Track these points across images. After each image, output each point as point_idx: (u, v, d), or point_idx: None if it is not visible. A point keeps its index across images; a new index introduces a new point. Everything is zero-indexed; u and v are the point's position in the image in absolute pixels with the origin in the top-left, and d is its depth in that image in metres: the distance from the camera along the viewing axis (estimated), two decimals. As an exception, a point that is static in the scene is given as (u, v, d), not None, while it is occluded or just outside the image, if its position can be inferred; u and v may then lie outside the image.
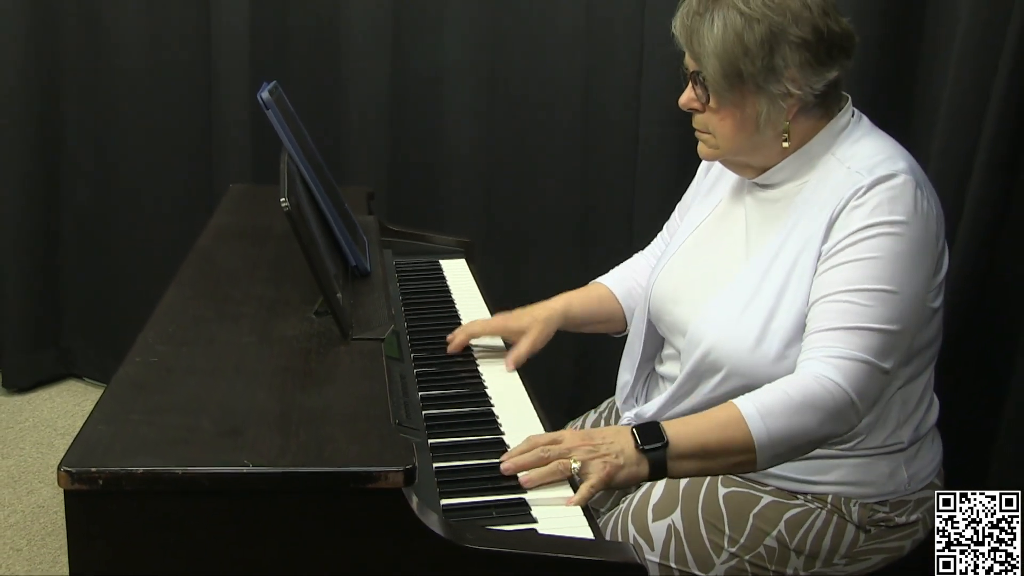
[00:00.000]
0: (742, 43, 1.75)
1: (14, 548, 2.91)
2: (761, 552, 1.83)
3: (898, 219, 1.72)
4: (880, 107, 2.42)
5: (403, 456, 1.39)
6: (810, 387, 1.66)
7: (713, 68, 1.77)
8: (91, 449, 1.38)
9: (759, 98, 1.79)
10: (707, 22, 1.77)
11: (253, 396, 1.58)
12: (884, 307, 1.70)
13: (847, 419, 1.69)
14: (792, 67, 1.76)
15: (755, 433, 1.65)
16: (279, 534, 1.37)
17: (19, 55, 3.56)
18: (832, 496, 1.84)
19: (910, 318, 1.73)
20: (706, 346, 1.84)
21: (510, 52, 3.20)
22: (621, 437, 1.66)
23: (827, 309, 1.72)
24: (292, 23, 3.43)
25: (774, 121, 1.80)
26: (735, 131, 1.82)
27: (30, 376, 3.86)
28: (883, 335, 1.69)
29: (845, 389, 1.66)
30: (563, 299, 2.18)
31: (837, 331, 1.70)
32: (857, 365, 1.68)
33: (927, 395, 1.92)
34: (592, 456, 1.64)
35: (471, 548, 1.38)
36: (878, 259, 1.71)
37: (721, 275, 1.90)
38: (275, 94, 2.04)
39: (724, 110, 1.81)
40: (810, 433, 1.67)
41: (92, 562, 1.36)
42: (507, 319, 2.12)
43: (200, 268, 2.12)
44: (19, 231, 3.71)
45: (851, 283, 1.71)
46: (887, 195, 1.73)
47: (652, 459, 1.64)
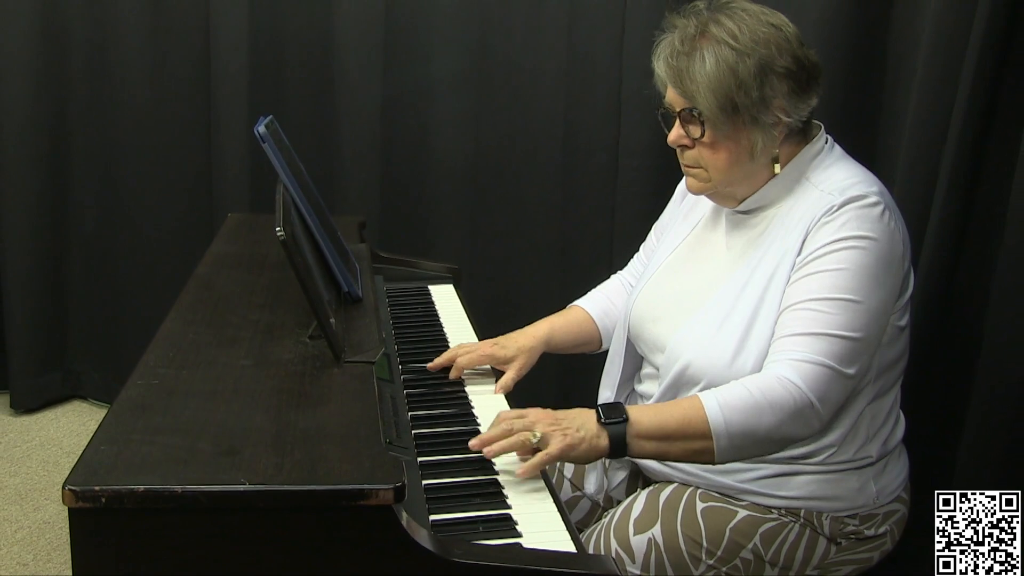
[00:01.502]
0: (736, 76, 1.75)
1: (20, 563, 2.90)
2: (737, 564, 1.82)
3: (865, 235, 1.73)
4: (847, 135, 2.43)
5: (393, 474, 1.38)
6: (772, 387, 1.68)
7: (709, 102, 1.77)
8: (94, 468, 1.38)
9: (753, 129, 1.79)
10: (697, 60, 1.78)
11: (250, 417, 1.57)
12: (847, 315, 1.71)
13: (807, 421, 1.71)
14: (780, 96, 1.78)
15: (713, 423, 1.68)
16: (275, 550, 1.36)
17: (29, 91, 3.57)
18: (804, 510, 1.84)
19: (873, 327, 1.74)
20: (685, 361, 1.84)
21: (496, 92, 3.23)
22: (584, 414, 1.72)
23: (794, 316, 1.74)
24: (288, 61, 3.44)
25: (768, 149, 1.81)
26: (730, 163, 1.82)
27: (37, 397, 3.85)
28: (846, 341, 1.71)
29: (805, 392, 1.68)
30: (546, 325, 2.18)
31: (802, 336, 1.72)
32: (819, 369, 1.69)
33: (894, 412, 1.92)
34: (553, 429, 1.68)
35: (458, 562, 1.37)
36: (844, 270, 1.72)
37: (699, 294, 1.90)
38: (271, 128, 2.03)
39: (720, 143, 1.81)
40: (769, 431, 1.69)
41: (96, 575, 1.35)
42: (495, 350, 2.11)
43: (199, 294, 2.11)
44: (28, 259, 3.71)
45: (817, 292, 1.73)
46: (856, 213, 1.74)
47: (612, 433, 1.69)
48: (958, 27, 2.25)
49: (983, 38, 2.17)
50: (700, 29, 1.79)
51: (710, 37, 1.78)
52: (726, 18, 1.78)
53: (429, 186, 3.36)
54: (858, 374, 1.75)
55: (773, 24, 1.78)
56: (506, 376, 2.07)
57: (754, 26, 1.77)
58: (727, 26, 1.77)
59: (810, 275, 1.75)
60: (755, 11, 1.80)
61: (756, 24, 1.77)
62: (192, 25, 3.46)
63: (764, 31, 1.77)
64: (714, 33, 1.77)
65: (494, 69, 3.21)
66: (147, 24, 3.51)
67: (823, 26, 2.56)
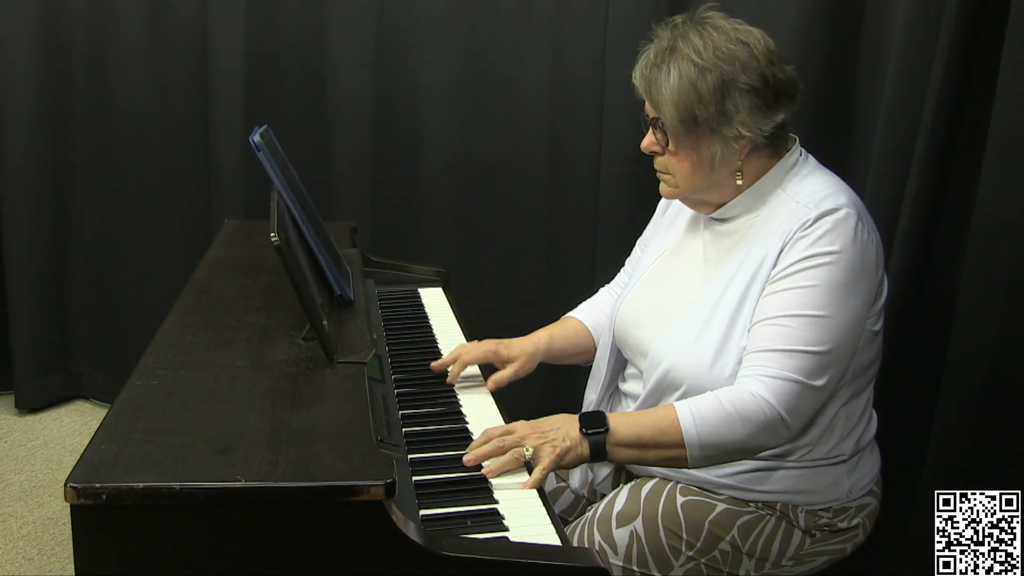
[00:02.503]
0: (696, 91, 1.76)
1: (25, 557, 2.89)
2: (716, 555, 1.82)
3: (836, 249, 1.73)
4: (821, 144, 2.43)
5: (384, 471, 1.38)
6: (744, 401, 1.70)
7: (671, 114, 1.78)
8: (95, 466, 1.37)
9: (713, 140, 1.79)
10: (664, 73, 1.79)
11: (245, 416, 1.57)
12: (816, 331, 1.71)
13: (777, 433, 1.72)
14: (742, 112, 1.77)
15: (686, 433, 1.70)
16: (270, 545, 1.36)
17: (32, 101, 3.56)
18: (781, 504, 1.84)
19: (843, 339, 1.74)
20: (666, 366, 1.84)
21: (483, 102, 3.23)
22: (567, 423, 1.74)
23: (765, 331, 1.74)
24: (282, 71, 3.44)
25: (728, 161, 1.81)
26: (693, 171, 1.83)
27: (41, 398, 3.83)
28: (814, 356, 1.71)
29: (775, 406, 1.69)
30: (546, 334, 2.18)
31: (772, 352, 1.72)
32: (788, 384, 1.70)
33: (867, 411, 1.92)
34: (542, 442, 1.70)
35: (448, 555, 1.37)
36: (814, 287, 1.73)
37: (680, 301, 1.89)
38: (266, 137, 2.03)
39: (682, 152, 1.82)
40: (740, 442, 1.71)
41: (97, 570, 1.35)
42: (499, 347, 2.10)
43: (197, 297, 2.10)
44: (31, 264, 3.70)
45: (788, 308, 1.73)
46: (829, 226, 1.74)
47: (592, 442, 1.72)
48: (924, 42, 2.25)
49: (948, 51, 2.18)
50: (671, 44, 1.80)
51: (678, 52, 1.79)
52: (695, 35, 1.79)
53: (419, 192, 3.36)
54: (828, 384, 1.75)
55: (743, 41, 1.78)
56: (502, 372, 2.07)
57: (720, 43, 1.77)
58: (694, 43, 1.78)
59: (783, 291, 1.75)
60: (727, 28, 1.80)
61: (723, 41, 1.78)
62: (190, 37, 3.45)
63: (730, 48, 1.77)
64: (681, 48, 1.78)
65: (482, 80, 3.22)
66: (146, 36, 3.50)
67: (797, 37, 2.57)
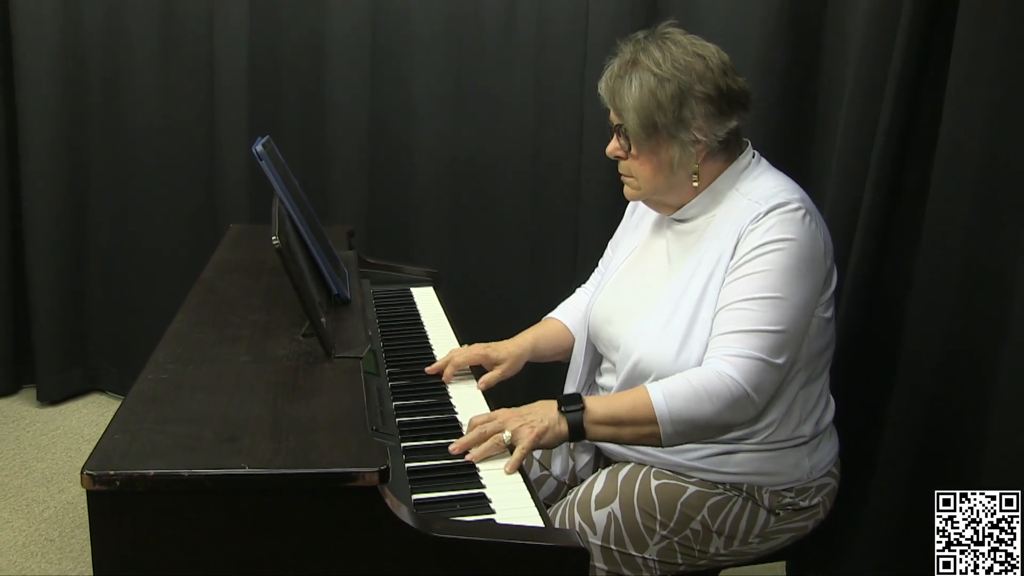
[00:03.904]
0: (656, 99, 1.78)
1: (47, 539, 2.89)
2: (688, 534, 1.83)
3: (787, 237, 1.75)
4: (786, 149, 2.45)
5: (378, 458, 1.38)
6: (711, 380, 1.71)
7: (633, 121, 1.80)
8: (109, 455, 1.37)
9: (672, 145, 1.81)
10: (627, 83, 1.81)
11: (249, 408, 1.56)
12: (773, 311, 1.73)
13: (743, 408, 1.74)
14: (698, 118, 1.79)
15: (658, 411, 1.72)
16: (272, 527, 1.36)
17: (51, 118, 3.57)
18: (747, 485, 1.85)
19: (796, 320, 1.76)
20: (636, 357, 1.84)
21: (471, 114, 3.24)
22: (546, 405, 1.76)
23: (728, 316, 1.76)
24: (283, 87, 3.44)
25: (685, 164, 1.83)
26: (653, 174, 1.84)
27: (61, 391, 3.84)
28: (773, 335, 1.73)
29: (741, 383, 1.71)
30: (531, 336, 2.17)
31: (736, 334, 1.74)
32: (752, 362, 1.72)
33: (824, 395, 1.93)
34: (521, 424, 1.71)
35: (438, 536, 1.37)
36: (769, 272, 1.74)
37: (647, 297, 1.90)
38: (268, 147, 2.03)
39: (643, 156, 1.84)
40: (709, 418, 1.72)
41: (112, 551, 1.35)
42: (487, 350, 2.09)
43: (204, 297, 2.10)
44: (52, 268, 3.70)
45: (747, 293, 1.75)
46: (780, 219, 1.76)
47: (570, 420, 1.73)
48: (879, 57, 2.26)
49: (901, 67, 2.19)
50: (633, 57, 1.82)
51: (639, 64, 1.80)
52: (655, 48, 1.81)
53: (411, 198, 3.36)
54: (787, 362, 1.76)
55: (699, 54, 1.80)
56: (491, 373, 2.06)
57: (679, 55, 1.79)
58: (654, 55, 1.80)
59: (741, 278, 1.76)
60: (684, 42, 1.82)
61: (681, 54, 1.79)
62: (197, 57, 3.46)
63: (687, 60, 1.79)
64: (642, 61, 1.80)
65: (470, 94, 3.23)
66: (157, 56, 3.50)
67: (763, 51, 2.58)
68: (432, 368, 2.06)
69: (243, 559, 1.36)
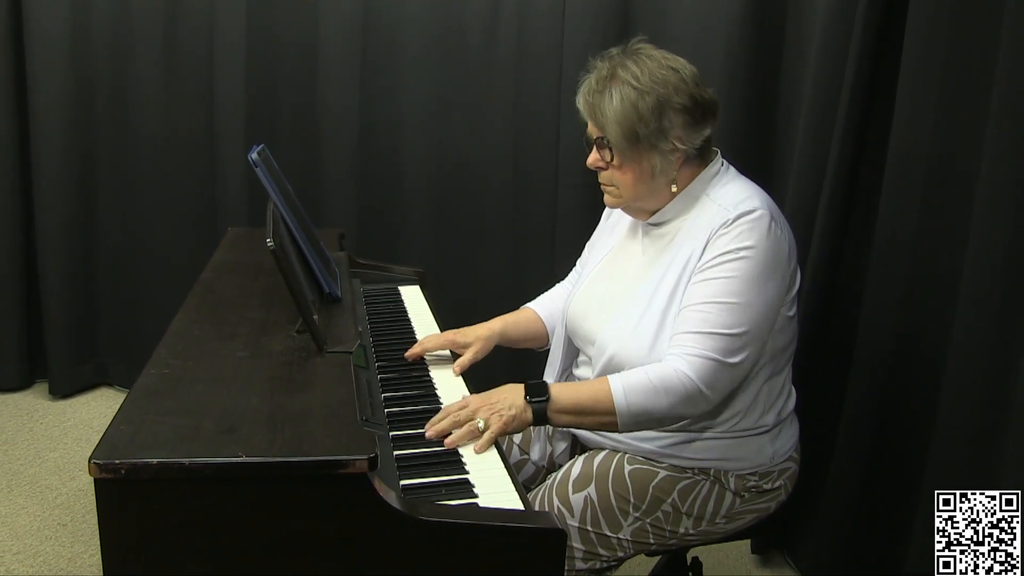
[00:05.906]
0: (637, 111, 1.76)
1: (60, 524, 2.88)
2: (659, 516, 1.83)
3: (751, 244, 1.73)
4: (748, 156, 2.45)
5: (368, 447, 1.37)
6: (668, 376, 1.71)
7: (615, 133, 1.78)
8: (115, 445, 1.36)
9: (653, 154, 1.79)
10: (607, 97, 1.78)
11: (246, 400, 1.55)
12: (732, 316, 1.72)
13: (696, 404, 1.73)
14: (677, 127, 1.78)
15: (616, 402, 1.72)
16: (268, 512, 1.35)
17: (63, 130, 3.56)
18: (714, 469, 1.84)
19: (757, 323, 1.74)
20: (611, 352, 1.83)
21: (455, 124, 3.25)
22: (513, 393, 1.75)
23: (689, 316, 1.75)
24: (278, 98, 3.43)
25: (666, 171, 1.81)
26: (635, 182, 1.83)
27: (72, 385, 3.82)
28: (729, 338, 1.72)
29: (695, 381, 1.70)
30: (500, 321, 2.16)
31: (694, 334, 1.73)
32: (706, 362, 1.71)
33: (787, 386, 1.93)
34: (491, 412, 1.71)
35: (424, 519, 1.36)
36: (733, 278, 1.73)
37: (621, 295, 1.89)
38: (263, 155, 2.02)
39: (626, 166, 1.82)
40: (663, 410, 1.72)
41: (119, 535, 1.34)
42: (455, 335, 2.09)
43: (204, 296, 2.08)
44: (63, 270, 3.69)
45: (709, 296, 1.74)
46: (747, 226, 1.74)
47: (535, 409, 1.73)
48: (836, 65, 2.27)
49: (855, 77, 2.20)
50: (611, 72, 1.80)
51: (618, 79, 1.78)
52: (632, 63, 1.79)
53: (399, 202, 3.37)
54: (745, 361, 1.75)
55: (672, 67, 1.79)
56: (463, 357, 2.05)
57: (654, 69, 1.78)
58: (632, 69, 1.78)
59: (705, 280, 1.75)
60: (658, 56, 1.80)
61: (657, 67, 1.78)
62: (198, 71, 3.45)
63: (663, 73, 1.77)
64: (620, 75, 1.78)
65: (454, 105, 3.23)
66: (161, 72, 3.49)
67: (729, 66, 2.59)
68: (409, 354, 2.06)
69: (241, 542, 1.35)
